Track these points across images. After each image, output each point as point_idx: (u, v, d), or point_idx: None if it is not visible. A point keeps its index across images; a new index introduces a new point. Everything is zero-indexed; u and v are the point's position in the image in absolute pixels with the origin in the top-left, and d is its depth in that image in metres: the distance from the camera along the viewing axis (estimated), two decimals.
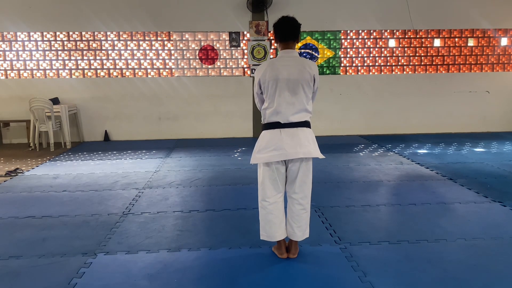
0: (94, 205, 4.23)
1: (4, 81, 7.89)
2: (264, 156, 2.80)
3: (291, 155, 2.74)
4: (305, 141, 2.78)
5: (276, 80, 2.74)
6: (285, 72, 2.73)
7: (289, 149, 2.73)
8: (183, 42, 8.02)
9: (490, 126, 8.63)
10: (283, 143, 2.74)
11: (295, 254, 3.01)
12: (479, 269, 2.79)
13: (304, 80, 2.75)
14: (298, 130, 2.78)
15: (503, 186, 4.73)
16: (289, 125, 2.77)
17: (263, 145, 2.81)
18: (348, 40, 8.21)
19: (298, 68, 2.75)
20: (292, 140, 2.75)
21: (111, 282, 2.70)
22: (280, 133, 2.77)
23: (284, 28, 2.79)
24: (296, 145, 2.74)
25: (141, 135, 8.23)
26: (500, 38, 8.36)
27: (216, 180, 5.16)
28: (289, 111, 2.76)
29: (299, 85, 2.74)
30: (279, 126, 2.78)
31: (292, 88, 2.74)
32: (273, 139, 2.77)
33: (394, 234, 3.40)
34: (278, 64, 2.76)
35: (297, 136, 2.77)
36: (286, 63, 2.76)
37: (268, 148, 2.78)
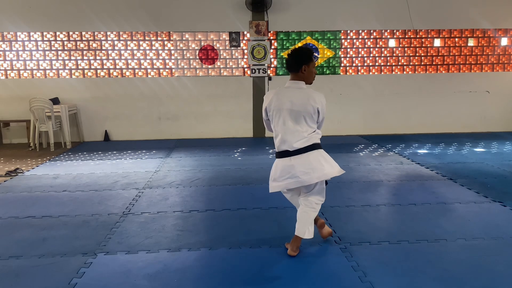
0: (94, 205, 4.23)
1: (4, 81, 7.89)
2: (281, 184, 2.93)
3: (306, 181, 2.86)
4: (317, 164, 2.86)
5: (280, 110, 2.87)
6: (289, 103, 2.85)
7: (302, 176, 2.85)
8: (183, 42, 8.03)
9: (490, 126, 8.63)
10: (296, 171, 2.85)
11: (294, 251, 3.00)
12: (479, 269, 2.79)
13: (307, 112, 2.85)
14: (309, 155, 2.87)
15: (503, 186, 4.73)
16: (298, 151, 2.86)
17: (278, 174, 2.94)
18: (348, 40, 8.21)
19: (302, 101, 2.84)
20: (304, 166, 2.85)
21: (111, 282, 2.70)
22: (290, 160, 2.87)
23: (287, 60, 2.95)
24: (309, 171, 2.84)
25: (141, 135, 8.23)
26: (500, 38, 8.36)
27: (216, 180, 5.16)
28: (293, 139, 2.86)
29: (301, 116, 2.85)
30: (289, 154, 2.88)
31: (295, 118, 2.85)
32: (285, 167, 2.89)
33: (394, 234, 3.40)
34: (283, 95, 2.89)
35: (308, 161, 2.85)
36: (291, 94, 2.87)
37: (283, 176, 2.91)
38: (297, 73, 2.91)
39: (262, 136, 8.36)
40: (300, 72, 2.90)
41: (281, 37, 8.14)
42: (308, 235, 2.99)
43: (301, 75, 2.91)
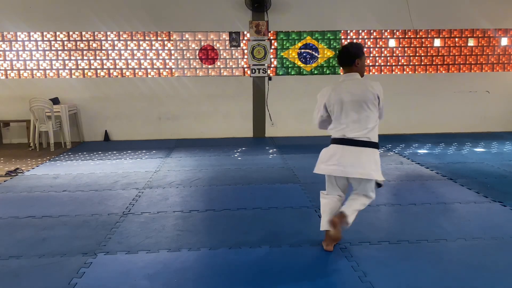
0: (94, 205, 4.23)
1: (4, 81, 7.89)
2: (326, 169, 2.99)
3: (350, 173, 2.91)
4: (367, 161, 2.90)
5: (341, 103, 2.95)
6: (349, 95, 2.93)
7: (349, 167, 2.89)
8: (183, 42, 8.02)
9: (490, 126, 8.63)
10: (345, 160, 2.90)
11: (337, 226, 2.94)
12: (479, 269, 2.79)
13: (368, 100, 2.92)
14: (362, 150, 2.91)
15: (503, 186, 4.73)
16: (355, 143, 2.91)
17: (327, 158, 2.99)
18: (348, 40, 8.21)
19: (361, 89, 2.94)
20: (355, 159, 2.89)
21: (111, 282, 2.70)
22: (343, 149, 2.93)
23: (340, 56, 3.08)
24: (357, 165, 2.88)
25: (141, 135, 8.23)
26: (500, 38, 8.36)
27: (216, 180, 5.16)
28: (355, 129, 2.92)
29: (363, 105, 2.91)
30: (345, 143, 2.93)
31: (357, 109, 2.92)
32: (336, 153, 2.95)
33: (394, 234, 3.40)
34: (341, 88, 2.99)
35: (359, 156, 2.90)
36: (349, 86, 2.97)
37: (330, 161, 2.96)
38: (351, 67, 3.03)
39: (262, 136, 8.36)
40: (354, 65, 3.02)
41: (281, 37, 8.13)
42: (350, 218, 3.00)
43: (354, 68, 3.03)
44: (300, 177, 5.17)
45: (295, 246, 3.20)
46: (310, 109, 8.82)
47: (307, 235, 3.36)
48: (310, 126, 8.81)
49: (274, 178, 5.20)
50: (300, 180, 5.07)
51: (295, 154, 6.55)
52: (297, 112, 8.28)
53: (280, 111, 8.34)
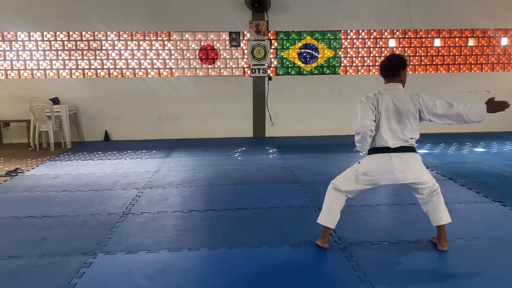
0: (94, 205, 4.23)
1: (4, 81, 7.89)
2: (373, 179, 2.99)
3: (400, 179, 2.95)
4: (414, 165, 2.97)
5: (393, 110, 2.98)
6: (392, 104, 2.98)
7: (398, 174, 2.93)
8: (183, 42, 8.02)
9: (490, 126, 8.62)
10: (392, 168, 2.92)
11: (445, 245, 3.08)
12: (479, 269, 2.79)
13: (409, 111, 2.98)
14: (407, 156, 2.97)
15: (503, 186, 4.73)
16: (397, 150, 2.95)
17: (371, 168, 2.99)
18: (348, 40, 8.21)
19: (403, 100, 3.01)
20: (401, 164, 2.93)
21: (111, 282, 2.70)
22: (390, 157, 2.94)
23: (385, 67, 3.13)
24: (405, 170, 2.93)
25: (141, 135, 8.23)
26: (500, 38, 8.36)
27: (216, 180, 5.16)
28: (394, 139, 2.97)
29: (405, 116, 2.97)
30: (388, 151, 2.96)
31: (398, 119, 2.97)
32: (382, 163, 2.96)
33: (394, 234, 3.40)
34: (386, 96, 3.02)
35: (406, 160, 2.95)
36: (392, 96, 3.02)
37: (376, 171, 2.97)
38: (394, 77, 3.09)
39: (262, 136, 8.36)
40: (398, 76, 3.08)
41: (281, 37, 8.13)
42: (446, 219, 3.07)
43: (398, 79, 3.09)
44: (300, 177, 5.17)
45: (295, 246, 3.20)
46: (310, 109, 8.79)
47: (307, 235, 3.36)
48: (310, 126, 8.86)
49: (274, 178, 5.20)
50: (300, 180, 5.07)
51: (295, 154, 6.55)
52: (297, 112, 8.28)
53: (280, 111, 8.34)
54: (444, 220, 3.06)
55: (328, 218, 3.10)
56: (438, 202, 3.06)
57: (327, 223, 3.10)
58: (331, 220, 3.10)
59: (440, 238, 3.10)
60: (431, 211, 3.08)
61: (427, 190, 3.03)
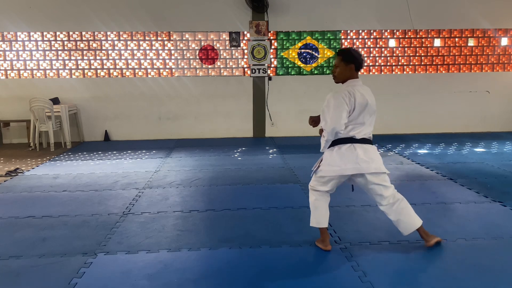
0: (94, 205, 4.23)
1: (4, 81, 7.89)
2: (338, 169, 2.98)
3: (364, 169, 2.95)
4: (375, 156, 3.01)
5: (364, 105, 2.98)
6: (364, 98, 2.98)
7: (362, 163, 2.94)
8: (183, 42, 8.03)
9: (490, 126, 8.62)
10: (358, 159, 2.94)
11: (431, 238, 3.10)
12: (479, 269, 2.79)
13: (374, 105, 3.07)
14: (369, 147, 3.02)
15: (503, 186, 4.73)
16: (362, 140, 3.01)
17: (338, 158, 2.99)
18: (348, 40, 8.21)
19: (370, 94, 3.06)
20: (366, 155, 2.96)
21: (111, 282, 2.70)
22: (355, 147, 2.97)
23: (362, 60, 3.08)
24: (369, 160, 2.96)
25: (141, 135, 8.23)
26: (500, 38, 8.35)
27: (216, 180, 5.16)
28: (363, 131, 3.02)
29: (371, 109, 3.03)
30: (354, 141, 2.98)
31: (367, 112, 3.01)
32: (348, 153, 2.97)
33: (394, 234, 3.39)
34: (362, 92, 3.00)
35: (369, 151, 3.00)
36: (365, 91, 3.04)
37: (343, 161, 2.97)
38: (358, 72, 3.09)
39: (262, 136, 8.36)
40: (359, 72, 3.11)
41: (281, 37, 8.13)
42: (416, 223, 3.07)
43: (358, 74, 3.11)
44: (300, 177, 5.17)
45: (295, 246, 3.20)
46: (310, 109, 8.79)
47: (307, 235, 3.36)
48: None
49: (274, 178, 5.20)
50: (300, 180, 5.06)
51: (295, 154, 6.55)
52: (297, 112, 8.28)
53: (280, 111, 8.34)
54: (418, 222, 3.06)
55: (319, 218, 3.10)
56: (407, 206, 3.05)
57: (320, 224, 3.10)
58: (322, 220, 3.09)
59: (423, 234, 3.10)
60: (404, 218, 3.02)
61: (390, 191, 3.02)
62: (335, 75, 3.10)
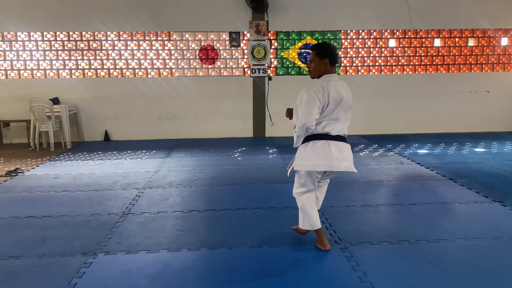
0: (94, 205, 4.23)
1: (4, 81, 7.89)
2: (313, 165, 2.99)
3: (335, 167, 2.97)
4: (348, 155, 3.05)
5: (339, 100, 2.94)
6: (338, 93, 2.95)
7: (334, 161, 2.96)
8: (183, 42, 8.03)
9: (490, 126, 8.63)
10: (331, 156, 2.96)
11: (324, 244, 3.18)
12: (479, 269, 2.79)
13: (350, 101, 3.04)
14: (343, 145, 3.04)
15: (503, 186, 4.73)
16: (337, 138, 3.00)
17: (312, 154, 3.00)
18: (348, 40, 8.21)
19: (346, 89, 3.02)
20: (339, 153, 2.99)
21: (111, 282, 2.70)
22: (329, 144, 2.97)
23: (336, 55, 3.06)
24: (341, 159, 2.99)
25: (141, 135, 8.23)
26: (500, 38, 8.35)
27: (216, 180, 5.16)
28: (339, 127, 3.01)
29: (347, 105, 3.01)
30: (329, 138, 2.98)
31: (342, 108, 2.98)
32: (323, 149, 2.98)
33: (394, 234, 3.40)
34: (337, 87, 2.97)
35: (342, 149, 3.02)
36: (341, 86, 3.01)
37: (318, 158, 2.98)
38: (333, 67, 3.07)
39: (262, 136, 8.36)
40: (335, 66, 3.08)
41: (281, 37, 8.13)
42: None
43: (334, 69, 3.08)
44: None
45: (295, 246, 3.20)
46: None
47: (307, 235, 3.36)
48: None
49: (274, 178, 5.20)
50: None
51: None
52: None
53: (280, 111, 8.33)
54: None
55: (311, 221, 3.09)
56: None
57: (314, 226, 3.10)
58: (314, 222, 3.09)
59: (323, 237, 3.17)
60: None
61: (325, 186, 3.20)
62: (310, 70, 3.11)
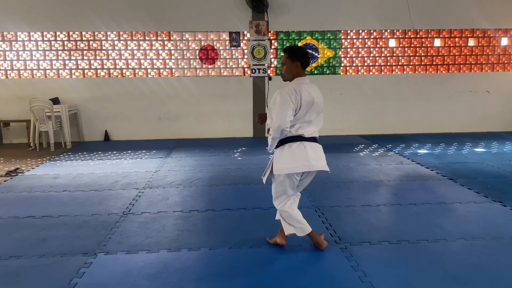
0: (94, 205, 4.23)
1: (4, 81, 7.89)
2: (292, 167, 2.97)
3: (314, 167, 2.98)
4: (321, 154, 3.07)
5: (311, 103, 2.96)
6: (311, 96, 2.97)
7: (312, 161, 2.97)
8: (183, 42, 8.03)
9: (490, 126, 8.63)
10: (308, 156, 2.96)
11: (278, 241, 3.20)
12: (479, 269, 2.79)
13: (322, 103, 3.06)
14: (317, 145, 3.05)
15: (503, 186, 4.73)
16: (312, 139, 3.03)
17: (290, 157, 2.99)
18: (348, 40, 8.21)
19: (317, 92, 3.05)
20: (315, 153, 3.01)
21: (111, 282, 2.70)
22: (305, 146, 2.98)
23: (309, 58, 3.08)
24: (318, 158, 3.01)
25: (141, 135, 8.23)
26: (500, 38, 8.35)
27: (216, 180, 5.16)
28: (312, 129, 3.02)
29: (319, 108, 3.02)
30: (304, 140, 2.99)
31: (315, 111, 3.00)
32: (302, 151, 2.98)
33: (394, 234, 3.40)
34: (309, 90, 2.98)
35: (317, 149, 3.04)
36: (312, 89, 3.03)
37: (297, 160, 2.97)
38: (305, 70, 3.09)
39: (262, 136, 8.36)
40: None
41: (281, 37, 8.14)
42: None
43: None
44: None
45: (295, 246, 3.20)
46: None
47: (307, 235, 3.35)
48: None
49: None
50: None
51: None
52: None
53: None
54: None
55: (304, 226, 3.07)
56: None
57: (305, 231, 3.07)
58: (305, 227, 3.07)
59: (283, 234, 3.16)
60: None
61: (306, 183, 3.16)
62: (282, 73, 3.12)
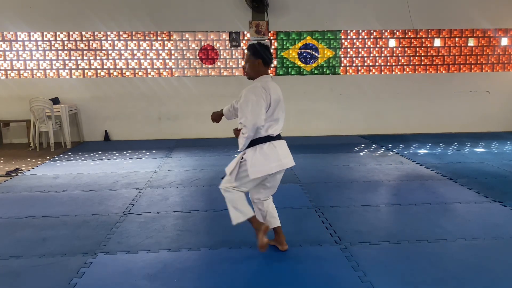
0: (94, 205, 4.23)
1: (4, 81, 7.89)
2: (266, 169, 2.93)
3: (286, 165, 2.98)
4: (287, 151, 3.07)
5: (278, 101, 2.99)
6: (276, 94, 3.00)
7: (284, 159, 2.97)
8: (183, 42, 8.03)
9: (490, 126, 8.63)
10: (279, 155, 2.96)
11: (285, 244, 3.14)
12: (479, 269, 2.79)
13: (282, 100, 3.08)
14: (283, 142, 3.06)
15: (503, 186, 4.73)
16: (278, 137, 3.03)
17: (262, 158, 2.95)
18: (348, 40, 8.21)
19: (278, 89, 3.08)
20: (284, 150, 3.02)
21: (111, 282, 2.70)
22: (275, 145, 2.97)
23: (270, 55, 3.10)
24: (288, 155, 3.03)
25: (141, 135, 8.23)
26: (500, 38, 8.36)
27: (216, 180, 5.15)
28: (279, 127, 3.03)
29: (282, 104, 3.05)
30: (273, 139, 2.99)
31: (280, 108, 3.02)
32: (271, 151, 2.97)
33: (394, 234, 3.40)
34: (271, 87, 2.99)
35: (285, 146, 3.05)
36: (275, 87, 3.06)
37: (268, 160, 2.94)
38: (269, 67, 3.11)
39: None
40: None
41: (281, 37, 8.13)
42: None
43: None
44: (300, 177, 5.17)
45: (295, 246, 3.19)
46: (310, 109, 8.75)
47: (307, 235, 3.36)
48: (310, 126, 8.87)
49: None
50: (300, 180, 5.06)
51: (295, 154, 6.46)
52: (297, 112, 8.27)
53: None
54: (278, 221, 3.14)
55: (243, 210, 2.95)
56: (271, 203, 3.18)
57: (247, 214, 2.95)
58: (247, 210, 2.96)
59: (279, 238, 3.12)
60: (272, 211, 3.14)
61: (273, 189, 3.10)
62: (245, 70, 3.11)
